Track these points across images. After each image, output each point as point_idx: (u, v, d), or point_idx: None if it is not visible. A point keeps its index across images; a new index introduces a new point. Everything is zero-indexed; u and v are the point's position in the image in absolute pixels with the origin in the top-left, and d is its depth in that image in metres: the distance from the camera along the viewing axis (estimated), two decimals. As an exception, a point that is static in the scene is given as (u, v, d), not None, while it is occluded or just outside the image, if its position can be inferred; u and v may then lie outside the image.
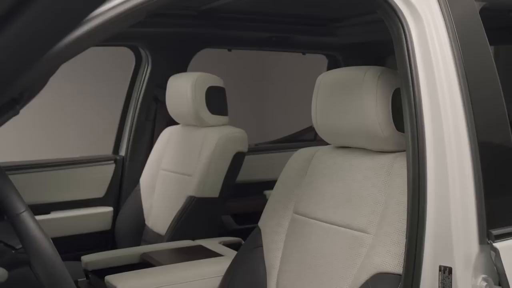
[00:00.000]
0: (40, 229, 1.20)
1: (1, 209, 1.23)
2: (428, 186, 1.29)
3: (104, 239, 3.05)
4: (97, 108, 5.25)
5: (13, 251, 1.27)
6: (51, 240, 1.27)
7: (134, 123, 3.14)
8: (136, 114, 3.14)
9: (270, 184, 1.96)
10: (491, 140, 1.35)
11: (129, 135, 3.16)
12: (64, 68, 1.19)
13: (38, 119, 4.94)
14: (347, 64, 3.56)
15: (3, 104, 1.06)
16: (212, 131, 2.67)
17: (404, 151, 1.41)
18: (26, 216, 1.19)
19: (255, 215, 1.96)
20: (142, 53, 3.11)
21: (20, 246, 1.23)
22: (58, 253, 1.25)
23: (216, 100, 2.71)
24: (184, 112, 2.72)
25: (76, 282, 2.10)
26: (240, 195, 3.27)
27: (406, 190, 1.38)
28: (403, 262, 1.35)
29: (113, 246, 3.03)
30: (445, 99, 1.31)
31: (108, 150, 3.28)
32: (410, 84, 1.33)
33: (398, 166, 1.53)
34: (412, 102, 1.33)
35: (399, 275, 1.37)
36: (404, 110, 1.36)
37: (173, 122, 2.96)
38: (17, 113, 1.15)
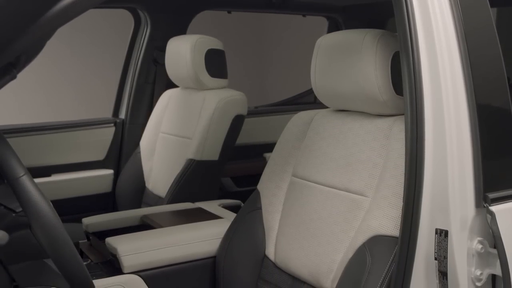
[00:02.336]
0: (40, 192, 1.21)
1: (0, 173, 1.24)
2: (425, 150, 1.29)
3: (104, 202, 3.07)
4: (96, 71, 5.22)
5: (14, 214, 1.28)
6: (51, 203, 1.28)
7: (134, 86, 3.14)
8: (136, 77, 3.13)
9: (269, 147, 1.97)
10: (490, 103, 1.35)
11: (129, 98, 3.16)
12: (63, 32, 1.18)
13: (38, 82, 4.92)
14: (348, 26, 3.53)
15: (0, 68, 1.06)
16: (212, 94, 2.66)
17: (403, 114, 1.41)
18: (25, 179, 1.19)
19: (255, 178, 1.98)
20: (141, 15, 3.08)
21: (21, 209, 1.25)
22: (58, 215, 1.26)
23: (215, 63, 2.70)
24: (183, 74, 2.71)
25: (77, 243, 2.13)
26: (240, 157, 3.29)
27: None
28: (399, 225, 1.36)
29: (114, 208, 3.06)
30: (444, 62, 1.30)
31: (108, 113, 3.28)
32: (410, 47, 1.32)
33: (397, 130, 1.53)
34: (411, 65, 1.32)
35: (396, 237, 1.38)
36: (403, 74, 1.35)
37: (172, 85, 2.96)
38: (14, 77, 1.14)
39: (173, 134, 2.80)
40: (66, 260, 1.21)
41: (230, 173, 3.26)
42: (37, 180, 2.82)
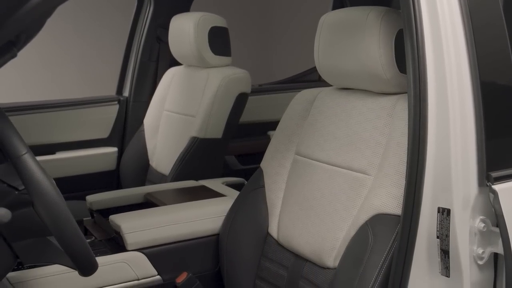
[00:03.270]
0: (42, 170, 1.21)
1: (3, 151, 1.24)
2: (428, 128, 1.28)
3: (109, 179, 3.09)
4: (100, 49, 5.20)
5: (16, 192, 1.29)
6: (53, 181, 1.28)
7: (137, 63, 3.13)
8: (139, 54, 3.12)
9: (273, 125, 1.96)
10: (494, 81, 1.34)
11: (132, 76, 3.15)
12: (66, 9, 1.17)
13: (42, 60, 4.91)
14: (353, 3, 3.49)
15: (0, 46, 1.06)
16: (215, 72, 2.65)
17: (407, 93, 1.40)
18: (27, 158, 1.20)
19: (259, 156, 1.97)
20: (144, -7, 3.06)
21: (23, 187, 1.25)
22: (60, 193, 1.27)
23: (219, 41, 2.68)
24: (186, 52, 2.70)
25: (81, 221, 2.14)
26: (244, 135, 3.29)
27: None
28: (402, 203, 1.36)
29: (118, 186, 3.07)
30: (448, 40, 1.29)
31: (112, 91, 3.28)
32: (413, 25, 1.31)
33: (400, 108, 1.53)
34: (415, 43, 1.30)
35: (398, 216, 1.38)
36: (406, 51, 1.34)
37: (176, 63, 2.94)
38: (15, 55, 1.14)
39: (177, 112, 2.79)
40: (68, 237, 1.22)
41: (234, 151, 3.26)
42: (41, 157, 2.85)
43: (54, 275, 1.71)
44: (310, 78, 3.78)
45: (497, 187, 1.26)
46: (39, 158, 2.80)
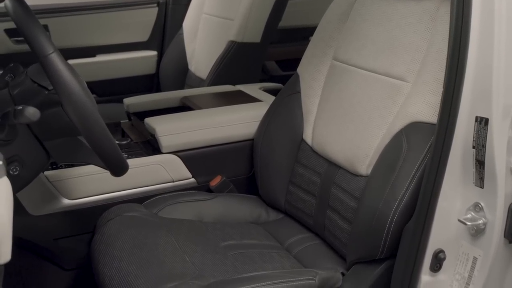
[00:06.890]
0: (70, 69, 1.20)
1: (31, 50, 1.23)
2: (471, 33, 1.21)
3: (148, 83, 3.10)
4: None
5: (46, 92, 1.29)
6: (83, 81, 1.28)
7: (176, -36, 3.05)
8: (177, -46, 3.04)
9: (315, 30, 1.90)
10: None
11: (171, -23, 3.08)
12: None
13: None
14: None
15: None
16: (255, -27, 2.56)
17: (453, -5, 1.31)
18: (54, 57, 1.18)
19: (300, 62, 1.93)
20: None
21: (52, 87, 1.25)
22: (90, 93, 1.26)
23: None
24: (225, -48, 2.60)
25: (119, 123, 2.16)
26: (285, 41, 3.22)
27: (448, 37, 1.30)
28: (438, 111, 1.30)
29: (158, 89, 3.08)
30: None
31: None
32: None
33: (444, 11, 1.44)
34: None
35: (434, 124, 1.34)
36: (452, -51, 1.24)
37: (215, -37, 2.85)
38: None
39: (215, 15, 2.73)
40: (96, 137, 1.23)
41: (275, 57, 3.21)
42: (82, 60, 2.86)
43: (90, 175, 1.75)
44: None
45: (540, 96, 1.19)
46: (79, 60, 2.83)
